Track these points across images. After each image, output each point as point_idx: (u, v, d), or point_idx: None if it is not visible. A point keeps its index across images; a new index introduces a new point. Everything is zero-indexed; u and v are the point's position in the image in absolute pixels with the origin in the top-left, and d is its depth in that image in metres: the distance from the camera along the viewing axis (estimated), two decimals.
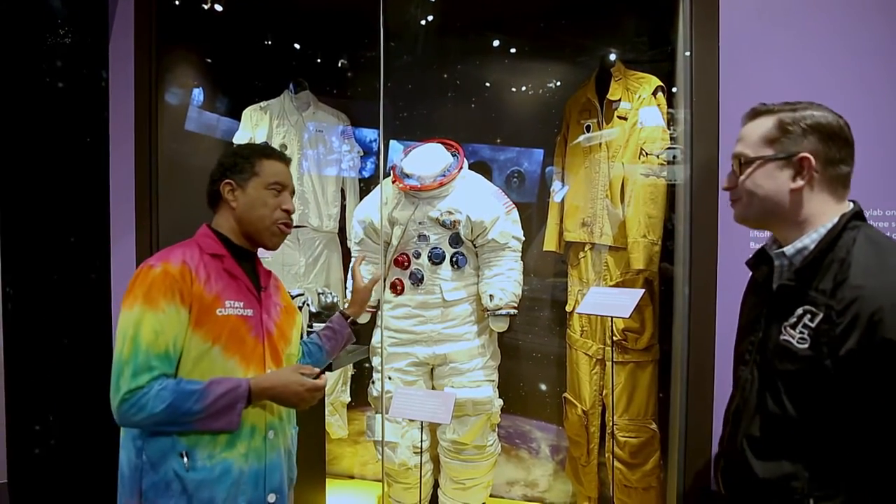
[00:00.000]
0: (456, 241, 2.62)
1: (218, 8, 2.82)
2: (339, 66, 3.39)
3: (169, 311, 1.39)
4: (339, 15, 3.07)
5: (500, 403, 2.69)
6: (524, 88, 3.19)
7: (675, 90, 2.51)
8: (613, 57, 2.74)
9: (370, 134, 3.35)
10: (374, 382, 2.75)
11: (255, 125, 3.11)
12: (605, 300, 2.23)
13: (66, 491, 2.46)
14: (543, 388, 3.13)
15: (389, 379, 2.67)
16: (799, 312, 1.20)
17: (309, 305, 2.66)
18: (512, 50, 3.15)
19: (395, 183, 2.67)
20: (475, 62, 3.21)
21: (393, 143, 3.19)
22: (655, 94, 2.56)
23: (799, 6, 1.95)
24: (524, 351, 3.15)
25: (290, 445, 1.64)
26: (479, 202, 2.61)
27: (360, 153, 3.31)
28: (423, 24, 3.04)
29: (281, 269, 3.11)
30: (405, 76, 3.22)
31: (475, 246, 2.67)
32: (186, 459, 1.40)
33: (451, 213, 2.58)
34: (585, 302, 2.27)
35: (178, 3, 2.67)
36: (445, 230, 2.61)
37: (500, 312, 2.58)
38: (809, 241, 1.22)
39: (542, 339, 3.13)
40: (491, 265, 2.63)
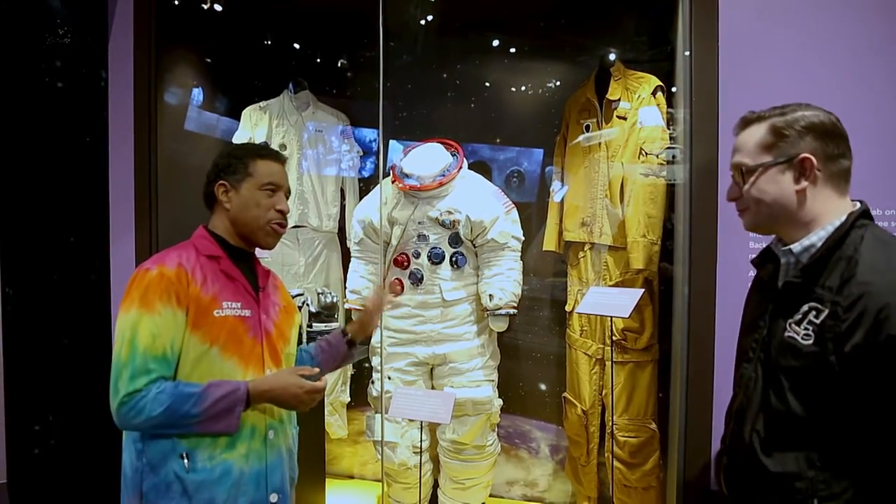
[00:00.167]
0: (455, 240, 2.62)
1: (217, 8, 2.81)
2: (338, 65, 3.38)
3: (165, 313, 1.39)
4: (338, 15, 3.07)
5: (499, 403, 2.69)
6: (524, 88, 3.19)
7: (674, 90, 2.51)
8: (613, 57, 2.73)
9: (370, 134, 3.35)
10: (373, 382, 2.75)
11: (254, 125, 3.10)
12: (604, 300, 2.24)
13: (65, 491, 2.46)
14: (543, 387, 3.13)
15: (389, 379, 2.67)
16: (804, 309, 1.20)
17: (308, 305, 2.66)
18: (511, 50, 3.15)
19: (394, 183, 2.67)
20: (475, 62, 3.20)
21: (392, 142, 3.19)
22: (655, 93, 2.56)
23: (799, 6, 1.95)
24: (524, 351, 3.15)
25: (291, 445, 1.63)
26: (478, 202, 2.61)
27: (359, 153, 3.31)
28: (422, 23, 3.04)
29: (280, 268, 3.11)
30: (405, 76, 3.22)
31: (475, 246, 2.67)
32: (187, 461, 1.40)
33: (450, 212, 2.58)
34: (585, 302, 2.28)
35: (177, 3, 2.67)
36: (445, 230, 2.61)
37: (499, 312, 2.58)
38: (817, 238, 1.23)
39: (541, 338, 3.13)
40: (490, 265, 2.63)
